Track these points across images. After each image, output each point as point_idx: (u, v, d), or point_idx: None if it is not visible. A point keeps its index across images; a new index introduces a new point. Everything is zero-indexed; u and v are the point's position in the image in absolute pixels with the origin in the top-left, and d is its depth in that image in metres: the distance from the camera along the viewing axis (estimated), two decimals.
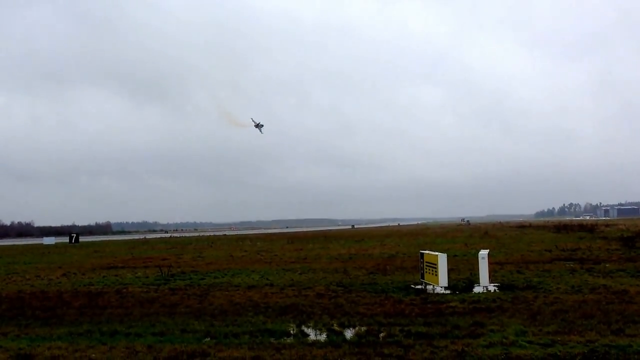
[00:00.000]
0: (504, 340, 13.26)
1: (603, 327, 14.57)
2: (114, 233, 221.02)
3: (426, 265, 23.79)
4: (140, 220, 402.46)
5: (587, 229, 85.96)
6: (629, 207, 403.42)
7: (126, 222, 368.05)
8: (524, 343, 12.91)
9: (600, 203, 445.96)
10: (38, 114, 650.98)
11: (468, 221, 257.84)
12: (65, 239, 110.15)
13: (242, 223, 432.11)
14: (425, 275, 23.74)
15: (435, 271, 22.68)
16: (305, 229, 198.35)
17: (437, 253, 23.69)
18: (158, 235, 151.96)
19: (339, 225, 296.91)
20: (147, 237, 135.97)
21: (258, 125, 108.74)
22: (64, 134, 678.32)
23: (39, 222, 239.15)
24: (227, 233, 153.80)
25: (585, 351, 12.01)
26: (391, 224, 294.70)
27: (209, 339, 14.72)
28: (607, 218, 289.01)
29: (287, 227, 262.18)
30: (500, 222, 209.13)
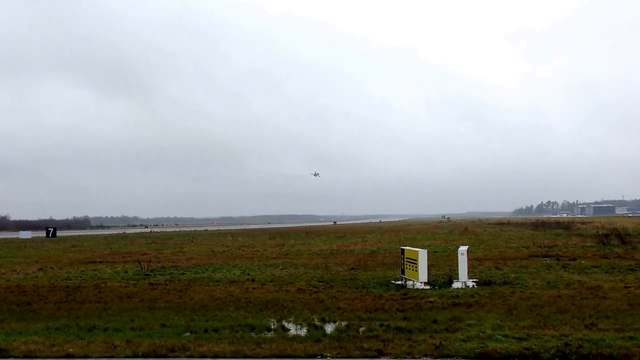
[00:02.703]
0: (481, 334, 13.43)
1: (577, 321, 14.80)
2: (92, 228, 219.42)
3: (406, 261, 23.92)
4: (119, 215, 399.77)
5: (564, 227, 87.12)
6: (605, 205, 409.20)
7: (105, 217, 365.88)
8: (500, 337, 13.07)
9: (577, 201, 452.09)
10: (2, 104, 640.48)
11: (448, 218, 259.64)
12: (42, 234, 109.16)
13: (223, 218, 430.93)
14: (406, 271, 23.87)
15: (416, 267, 22.82)
16: (287, 225, 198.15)
17: (417, 249, 23.83)
18: (138, 230, 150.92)
19: (320, 222, 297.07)
20: (126, 232, 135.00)
21: (315, 174, 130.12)
22: (33, 126, 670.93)
23: (15, 216, 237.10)
24: (208, 228, 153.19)
25: (559, 345, 12.19)
26: (373, 220, 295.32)
27: (189, 333, 14.71)
28: (584, 216, 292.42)
29: (269, 223, 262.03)
30: (479, 219, 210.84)
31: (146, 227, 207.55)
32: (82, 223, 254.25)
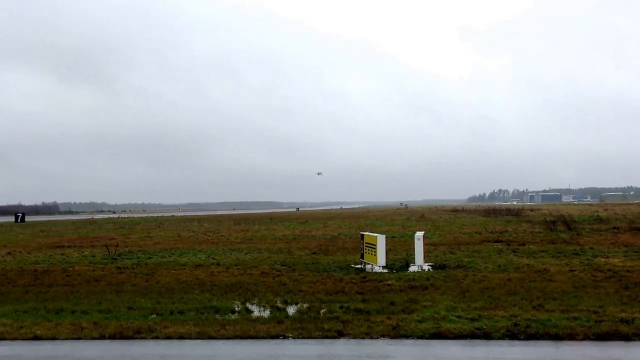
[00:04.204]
0: (436, 315, 13.59)
1: (525, 303, 15.10)
2: (60, 213, 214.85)
3: (366, 246, 24.06)
4: (88, 201, 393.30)
5: (514, 213, 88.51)
6: (552, 193, 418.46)
7: (73, 203, 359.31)
8: (453, 318, 13.26)
9: (527, 189, 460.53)
10: None
11: (406, 205, 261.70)
12: (11, 219, 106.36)
13: (190, 205, 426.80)
14: (365, 256, 24.01)
15: (374, 251, 22.97)
16: (251, 211, 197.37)
17: (376, 234, 23.98)
18: (106, 216, 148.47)
19: (284, 208, 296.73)
20: (94, 217, 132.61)
21: (319, 173, 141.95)
22: None
23: None
24: (175, 214, 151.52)
25: (509, 325, 12.43)
26: (334, 207, 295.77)
27: (155, 315, 14.57)
28: (532, 203, 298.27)
29: (234, 209, 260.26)
30: (435, 206, 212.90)
31: (114, 212, 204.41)
32: (50, 208, 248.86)
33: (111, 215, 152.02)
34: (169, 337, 12.29)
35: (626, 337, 11.58)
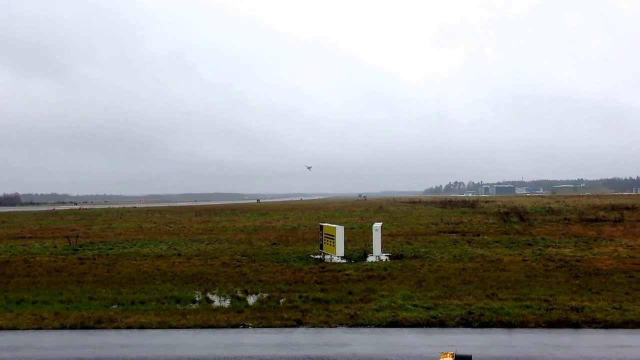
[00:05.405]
0: (393, 304, 13.73)
1: (479, 292, 15.36)
2: (22, 204, 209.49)
3: (325, 237, 24.12)
4: (49, 192, 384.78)
5: (469, 205, 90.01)
6: (506, 185, 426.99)
7: (35, 194, 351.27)
8: (410, 307, 13.41)
9: (481, 182, 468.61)
10: None
11: (364, 197, 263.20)
12: None
13: (151, 196, 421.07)
14: (324, 246, 24.07)
15: (333, 242, 23.05)
16: (212, 203, 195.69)
17: (335, 225, 24.06)
18: (67, 207, 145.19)
19: (245, 200, 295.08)
20: (56, 208, 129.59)
21: (309, 168, 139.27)
22: None
23: None
24: (137, 205, 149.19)
25: (463, 313, 12.64)
26: (294, 198, 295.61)
27: (116, 305, 14.38)
28: (487, 195, 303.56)
29: (195, 201, 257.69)
30: (393, 198, 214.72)
31: (75, 204, 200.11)
32: (12, 200, 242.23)
33: (73, 207, 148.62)
34: (130, 327, 12.14)
35: (576, 325, 11.87)
